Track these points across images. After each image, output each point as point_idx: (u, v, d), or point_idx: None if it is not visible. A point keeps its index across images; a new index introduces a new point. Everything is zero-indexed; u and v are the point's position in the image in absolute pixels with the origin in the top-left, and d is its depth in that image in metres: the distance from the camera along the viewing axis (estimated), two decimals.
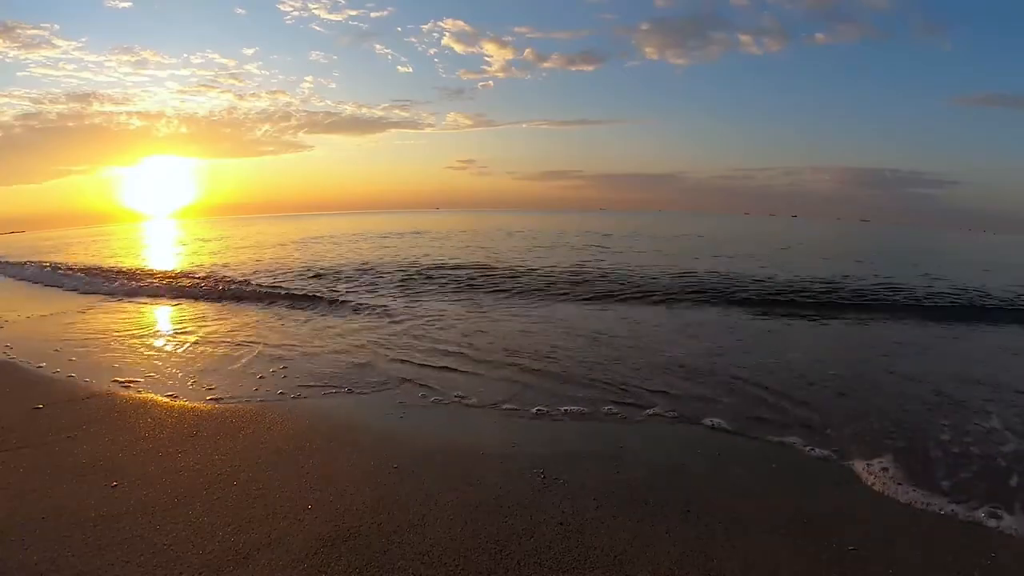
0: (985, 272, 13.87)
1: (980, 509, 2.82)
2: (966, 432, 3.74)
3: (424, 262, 14.17)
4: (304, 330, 7.10)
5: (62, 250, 23.61)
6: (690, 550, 2.47)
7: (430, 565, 2.35)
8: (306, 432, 3.75)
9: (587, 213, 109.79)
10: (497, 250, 17.85)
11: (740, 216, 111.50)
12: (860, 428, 3.81)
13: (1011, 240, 41.47)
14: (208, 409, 4.21)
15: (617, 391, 4.51)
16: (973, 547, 2.52)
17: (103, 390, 4.64)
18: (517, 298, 9.42)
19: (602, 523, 2.68)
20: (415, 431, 3.82)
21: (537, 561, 2.38)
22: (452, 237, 24.62)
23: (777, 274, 12.00)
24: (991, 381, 4.92)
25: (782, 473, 3.23)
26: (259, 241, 25.39)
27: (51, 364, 5.45)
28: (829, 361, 5.56)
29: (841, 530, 2.63)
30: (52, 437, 3.70)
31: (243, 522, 2.67)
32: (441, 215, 79.00)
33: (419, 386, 4.70)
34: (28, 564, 2.35)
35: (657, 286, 10.16)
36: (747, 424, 3.88)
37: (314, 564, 2.35)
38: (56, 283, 12.59)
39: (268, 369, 5.26)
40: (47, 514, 2.75)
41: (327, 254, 17.35)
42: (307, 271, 13.00)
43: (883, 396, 4.50)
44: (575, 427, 3.88)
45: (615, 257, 15.82)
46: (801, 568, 2.37)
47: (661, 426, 3.91)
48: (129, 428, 3.84)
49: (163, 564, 2.35)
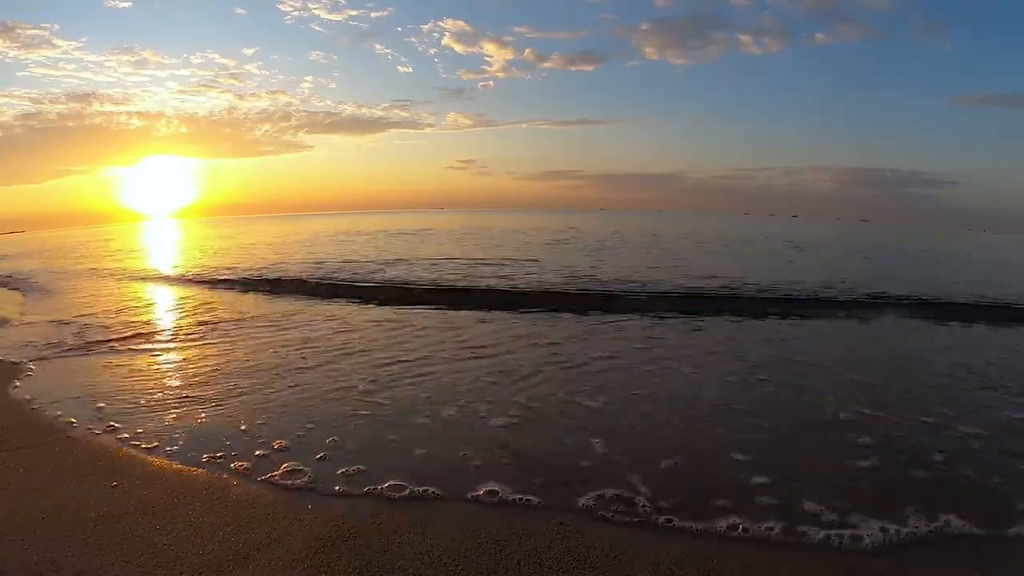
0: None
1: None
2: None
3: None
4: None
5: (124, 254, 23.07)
6: (690, 550, 2.47)
7: (430, 565, 2.35)
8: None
9: (587, 213, 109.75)
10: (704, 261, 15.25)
11: (740, 216, 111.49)
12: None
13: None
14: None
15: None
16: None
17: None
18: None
19: (602, 523, 2.68)
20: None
21: (537, 561, 2.38)
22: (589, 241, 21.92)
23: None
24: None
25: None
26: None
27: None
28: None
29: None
30: (52, 437, 3.70)
31: (243, 522, 2.67)
32: (446, 215, 78.88)
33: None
34: (28, 564, 2.35)
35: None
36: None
37: (314, 564, 2.35)
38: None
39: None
40: (47, 514, 2.75)
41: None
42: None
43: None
44: None
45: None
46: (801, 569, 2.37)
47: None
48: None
49: (163, 564, 2.35)
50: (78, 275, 14.20)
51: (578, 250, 18.14)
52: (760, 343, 6.54)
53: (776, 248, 21.31)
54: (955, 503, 2.88)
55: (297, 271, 12.77)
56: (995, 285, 11.55)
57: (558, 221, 45.07)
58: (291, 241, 24.60)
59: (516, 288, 10.06)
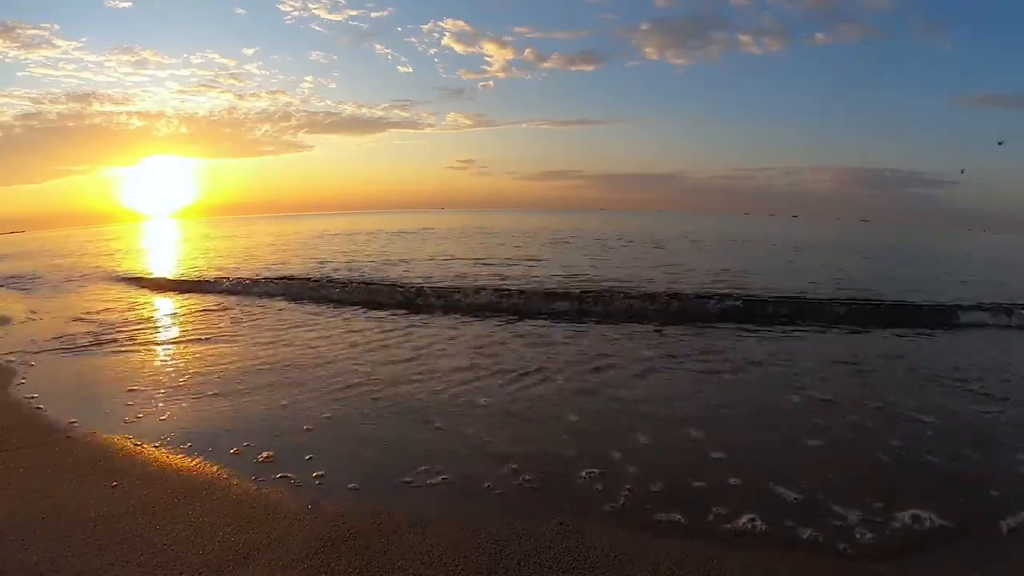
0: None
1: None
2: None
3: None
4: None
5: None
6: (690, 550, 2.47)
7: (430, 565, 2.35)
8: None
9: (587, 213, 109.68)
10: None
11: (740, 216, 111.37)
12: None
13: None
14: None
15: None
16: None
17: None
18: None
19: (602, 523, 2.68)
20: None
21: (537, 561, 2.38)
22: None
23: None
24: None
25: None
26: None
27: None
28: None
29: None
30: (52, 437, 3.70)
31: (243, 522, 2.67)
32: (447, 215, 78.70)
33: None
34: (28, 564, 2.35)
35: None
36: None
37: (314, 564, 2.35)
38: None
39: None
40: (47, 514, 2.75)
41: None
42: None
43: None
44: None
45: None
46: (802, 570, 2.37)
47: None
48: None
49: (163, 564, 2.35)
50: (79, 275, 14.20)
51: (670, 254, 17.17)
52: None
53: (843, 251, 20.31)
54: (955, 504, 2.88)
55: (301, 271, 12.75)
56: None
57: (587, 222, 44.27)
58: (293, 242, 24.60)
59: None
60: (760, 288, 9.92)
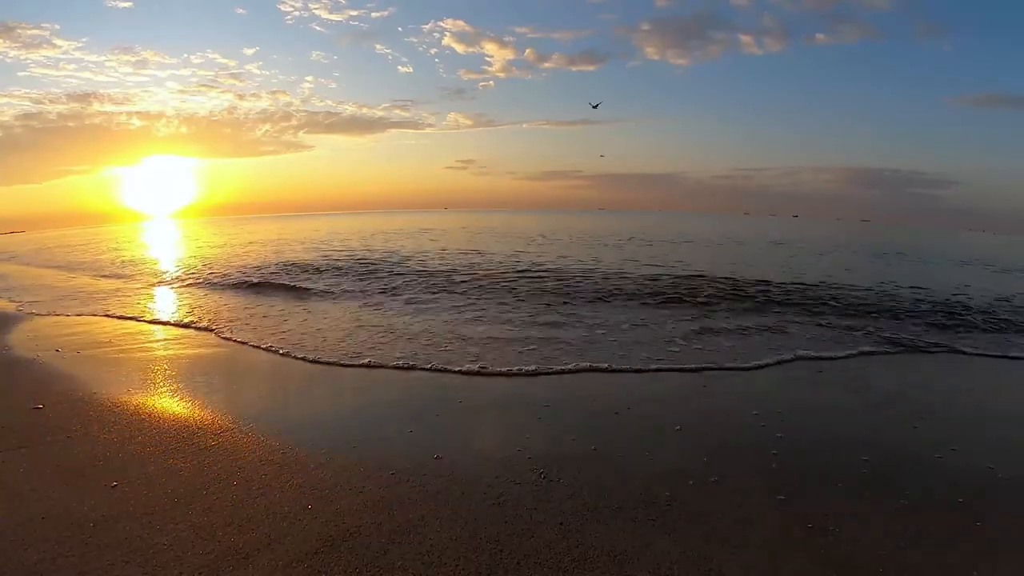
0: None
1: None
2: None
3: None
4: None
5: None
6: (690, 550, 2.47)
7: (430, 565, 2.35)
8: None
9: (587, 213, 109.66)
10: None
11: (740, 216, 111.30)
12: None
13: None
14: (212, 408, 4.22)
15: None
16: None
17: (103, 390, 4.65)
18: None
19: (602, 523, 2.68)
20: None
21: (537, 561, 2.38)
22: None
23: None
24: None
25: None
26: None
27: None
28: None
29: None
30: (52, 437, 3.70)
31: (243, 522, 2.67)
32: (450, 214, 78.43)
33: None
34: (28, 564, 2.35)
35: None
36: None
37: (314, 564, 2.35)
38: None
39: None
40: (47, 514, 2.75)
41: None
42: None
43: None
44: None
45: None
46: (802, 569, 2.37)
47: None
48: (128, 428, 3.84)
49: (163, 564, 2.35)
50: (80, 275, 14.20)
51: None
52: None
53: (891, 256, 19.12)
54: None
55: (301, 269, 12.77)
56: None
57: (632, 222, 43.58)
58: (293, 241, 24.60)
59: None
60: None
